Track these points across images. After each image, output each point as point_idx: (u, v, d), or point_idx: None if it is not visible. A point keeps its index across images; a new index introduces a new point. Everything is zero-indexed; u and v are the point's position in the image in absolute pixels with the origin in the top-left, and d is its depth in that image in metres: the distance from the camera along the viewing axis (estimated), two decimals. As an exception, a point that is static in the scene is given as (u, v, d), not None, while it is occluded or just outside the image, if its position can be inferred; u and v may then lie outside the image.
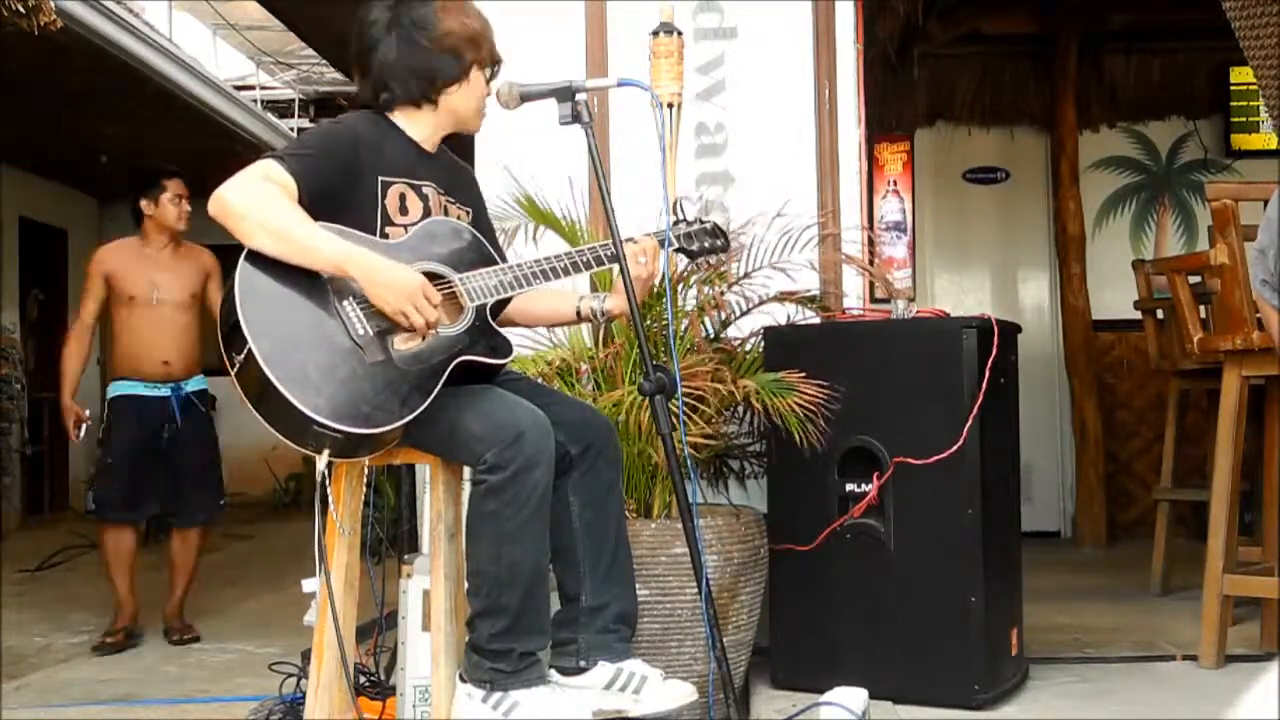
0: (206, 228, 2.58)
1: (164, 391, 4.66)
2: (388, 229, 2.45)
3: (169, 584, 4.73)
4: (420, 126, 2.57)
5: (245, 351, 2.22)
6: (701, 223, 2.75)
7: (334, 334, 2.32)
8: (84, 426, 4.63)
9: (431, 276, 2.43)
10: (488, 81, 2.60)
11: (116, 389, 4.69)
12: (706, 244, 2.74)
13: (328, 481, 2.35)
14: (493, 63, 2.60)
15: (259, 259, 2.31)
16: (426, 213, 2.52)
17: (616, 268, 2.57)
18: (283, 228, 2.30)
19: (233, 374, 2.28)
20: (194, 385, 4.74)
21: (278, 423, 2.25)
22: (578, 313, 2.74)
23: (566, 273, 2.57)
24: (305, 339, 2.30)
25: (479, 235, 2.60)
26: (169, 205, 4.70)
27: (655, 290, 2.79)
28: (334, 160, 2.42)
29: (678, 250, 2.72)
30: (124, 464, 4.64)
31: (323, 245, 2.31)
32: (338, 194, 2.40)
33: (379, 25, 2.52)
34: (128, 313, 4.69)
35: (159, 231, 4.74)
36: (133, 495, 4.67)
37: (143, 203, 4.72)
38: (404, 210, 2.49)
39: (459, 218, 2.62)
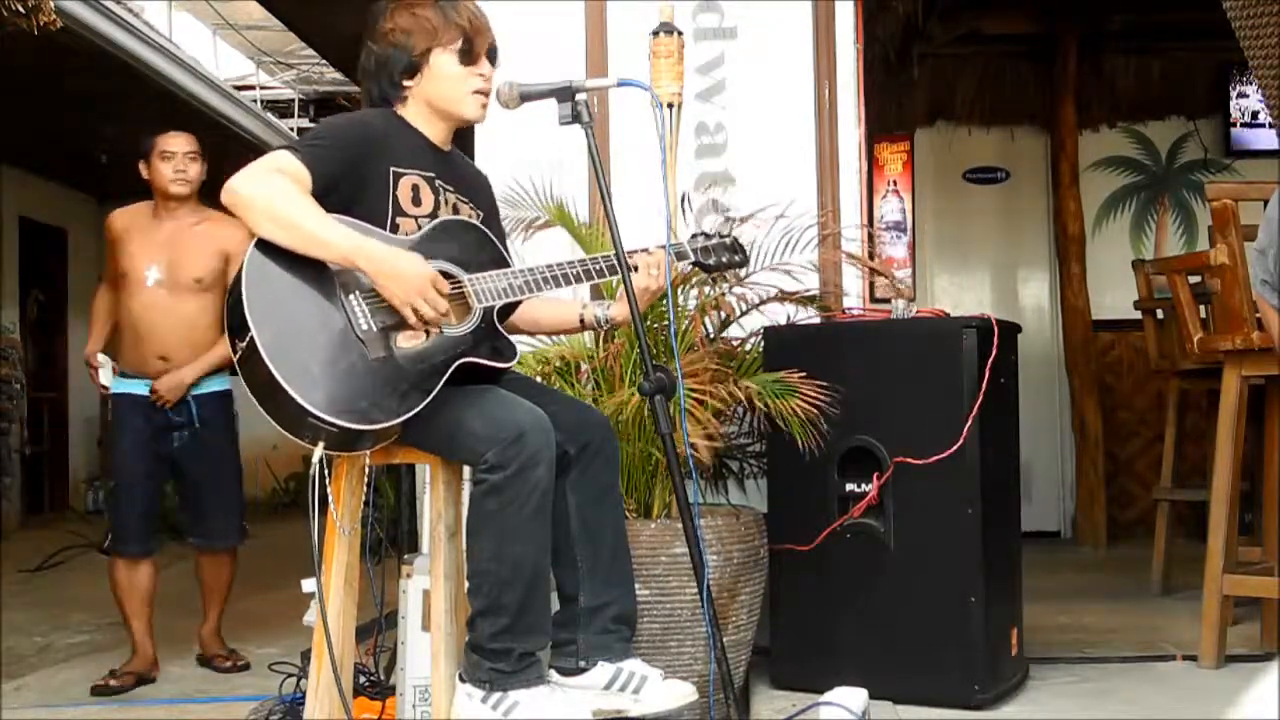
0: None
1: None
2: (399, 219, 2.46)
3: (201, 606, 4.23)
4: (419, 123, 2.58)
5: (248, 340, 2.23)
6: (721, 237, 2.75)
7: (337, 327, 2.32)
8: (103, 371, 4.05)
9: (442, 275, 2.42)
10: (465, 63, 2.54)
11: (117, 385, 4.07)
12: (725, 259, 2.74)
13: (326, 475, 2.35)
14: (463, 44, 2.53)
15: (269, 248, 2.32)
16: (439, 205, 2.53)
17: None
18: (292, 218, 2.30)
19: (235, 361, 2.29)
20: (209, 386, 4.08)
21: (276, 413, 2.25)
22: (581, 320, 2.74)
23: (579, 279, 2.58)
24: (308, 331, 2.30)
25: (491, 235, 2.61)
26: (159, 164, 4.08)
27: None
28: (346, 151, 2.43)
29: (694, 264, 2.72)
30: (133, 484, 4.02)
31: (332, 236, 2.32)
32: (349, 184, 2.41)
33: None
34: (125, 293, 4.08)
35: (161, 198, 4.11)
36: (147, 522, 4.05)
37: (140, 165, 4.13)
38: (417, 201, 2.49)
39: (470, 218, 2.62)
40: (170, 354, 4.02)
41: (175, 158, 4.09)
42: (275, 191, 2.31)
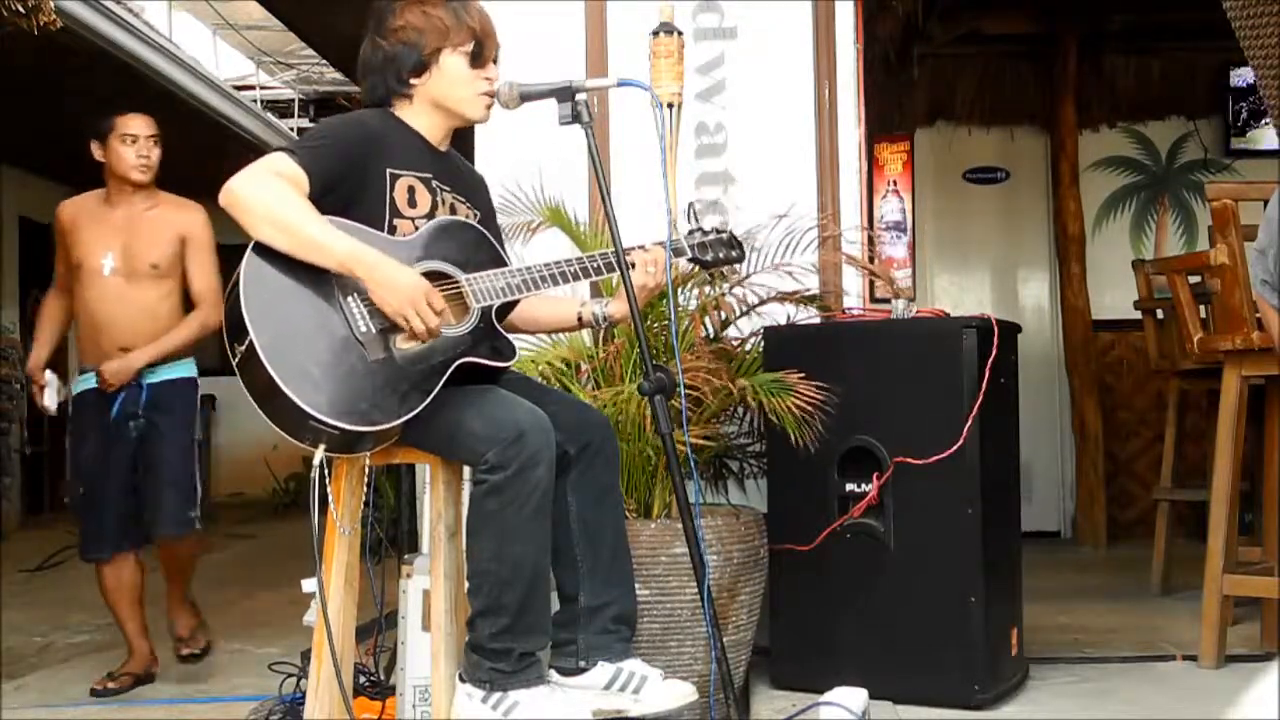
0: (223, 225, 2.58)
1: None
2: (395, 221, 2.45)
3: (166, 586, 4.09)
4: (419, 122, 2.58)
5: (247, 343, 2.23)
6: (718, 233, 2.73)
7: (336, 329, 2.32)
8: (49, 391, 3.84)
9: (439, 275, 2.43)
10: (474, 66, 2.54)
11: (78, 384, 3.87)
12: (721, 254, 2.73)
13: (326, 476, 2.35)
14: (473, 47, 2.53)
15: (266, 251, 2.31)
16: (435, 206, 2.53)
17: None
18: (290, 222, 2.30)
19: (235, 365, 2.28)
20: (167, 373, 3.86)
21: (276, 416, 2.25)
22: (579, 318, 2.74)
23: (576, 278, 2.57)
24: (307, 333, 2.30)
25: (488, 235, 2.61)
26: (120, 147, 3.85)
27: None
28: (343, 152, 2.43)
29: (691, 260, 2.71)
30: (102, 486, 3.84)
31: (329, 242, 2.31)
32: (347, 186, 2.41)
33: (366, 31, 2.57)
34: (80, 285, 3.87)
35: (116, 183, 3.89)
36: (120, 522, 3.86)
37: (93, 146, 3.88)
38: (413, 203, 2.49)
39: (467, 217, 2.62)
40: (131, 345, 3.82)
41: (138, 141, 3.88)
42: (274, 195, 2.31)
